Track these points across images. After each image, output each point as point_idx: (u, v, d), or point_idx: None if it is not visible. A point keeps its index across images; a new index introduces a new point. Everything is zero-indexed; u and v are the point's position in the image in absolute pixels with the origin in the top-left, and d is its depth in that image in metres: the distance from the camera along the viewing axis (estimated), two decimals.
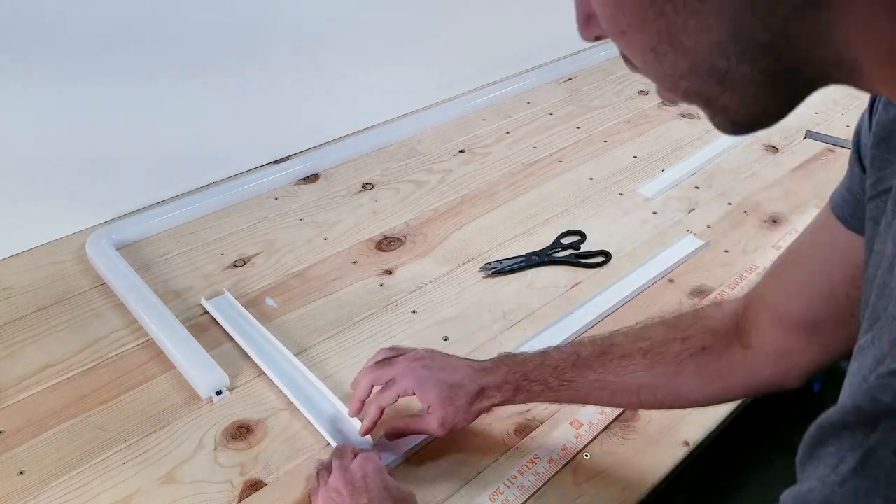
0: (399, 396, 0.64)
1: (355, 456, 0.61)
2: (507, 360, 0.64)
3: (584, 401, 0.63)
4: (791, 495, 0.31)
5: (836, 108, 1.30)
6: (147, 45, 0.89)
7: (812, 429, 0.31)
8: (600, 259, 0.91)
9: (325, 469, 0.62)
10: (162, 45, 0.91)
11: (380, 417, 0.65)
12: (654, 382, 0.59)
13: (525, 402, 0.64)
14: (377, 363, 0.66)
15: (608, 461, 0.67)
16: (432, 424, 0.62)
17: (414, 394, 0.62)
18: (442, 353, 0.66)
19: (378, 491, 0.57)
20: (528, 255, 0.91)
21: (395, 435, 0.66)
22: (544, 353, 0.63)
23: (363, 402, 0.65)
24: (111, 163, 0.93)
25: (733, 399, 0.62)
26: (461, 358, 0.65)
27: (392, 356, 0.66)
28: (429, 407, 0.62)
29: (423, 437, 0.66)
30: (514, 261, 0.89)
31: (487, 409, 0.62)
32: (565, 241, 0.93)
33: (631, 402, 0.63)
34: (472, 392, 0.61)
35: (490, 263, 0.89)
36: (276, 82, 1.04)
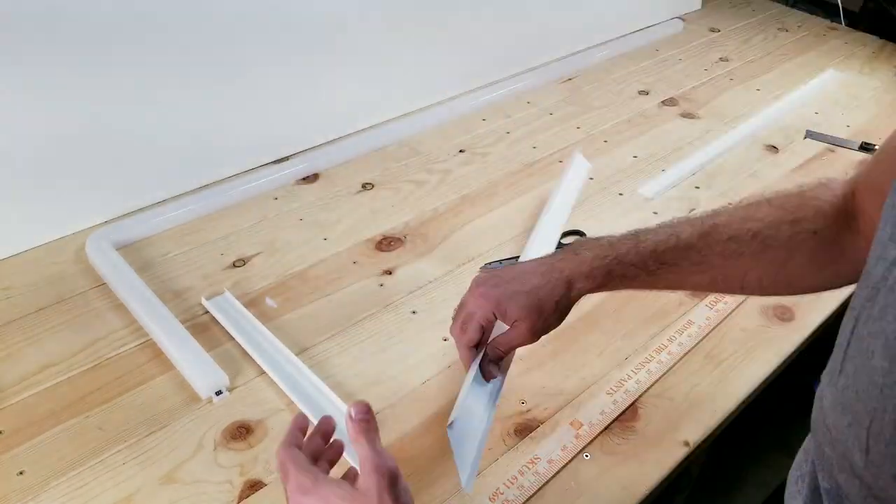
0: (482, 327, 0.60)
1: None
2: (588, 244, 0.60)
3: (680, 286, 0.59)
4: None
5: (836, 108, 1.30)
6: (147, 45, 0.89)
7: None
8: None
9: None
10: (162, 45, 0.91)
11: (472, 356, 0.63)
12: (763, 268, 0.55)
13: (618, 288, 0.59)
14: (456, 316, 0.64)
15: (608, 461, 0.67)
16: (524, 336, 0.59)
17: (496, 317, 0.59)
18: (508, 265, 0.62)
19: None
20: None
21: (496, 354, 0.62)
22: (636, 237, 0.59)
23: (471, 348, 0.62)
24: (111, 163, 0.93)
25: (840, 286, 0.55)
26: (530, 260, 0.62)
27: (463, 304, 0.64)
28: (515, 321, 0.59)
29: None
30: (513, 261, 0.89)
31: (577, 300, 0.59)
32: (565, 241, 0.93)
33: (733, 288, 0.59)
34: (557, 290, 0.58)
35: (490, 263, 0.89)
36: (275, 82, 1.04)
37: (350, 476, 0.54)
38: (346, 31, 1.09)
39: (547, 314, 0.58)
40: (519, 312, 0.58)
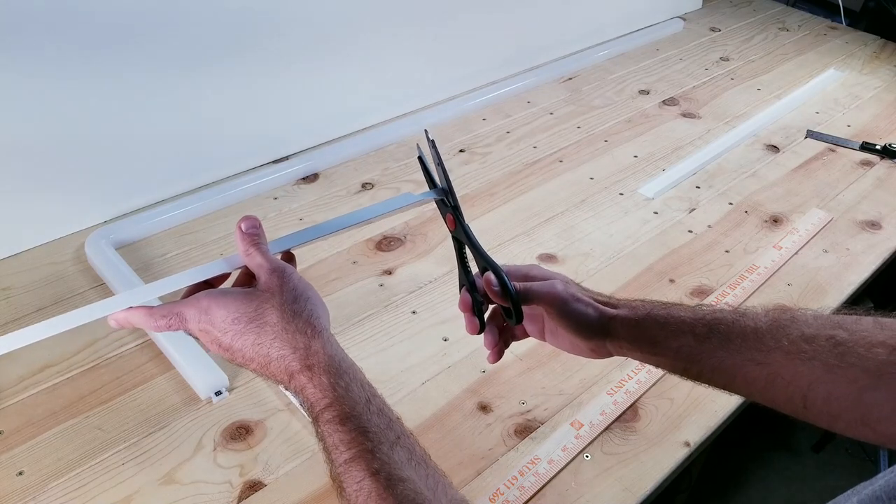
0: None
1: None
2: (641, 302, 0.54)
3: (728, 374, 0.48)
4: None
5: (836, 108, 1.30)
6: (146, 45, 0.89)
7: None
8: None
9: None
10: (161, 44, 0.90)
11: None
12: (833, 387, 0.43)
13: (654, 345, 0.52)
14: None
15: (608, 462, 0.67)
16: (556, 286, 0.54)
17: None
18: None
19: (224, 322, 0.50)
20: None
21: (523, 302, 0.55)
22: (696, 306, 0.51)
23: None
24: (111, 162, 0.92)
25: None
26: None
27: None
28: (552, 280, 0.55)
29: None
30: None
31: (606, 344, 0.55)
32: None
33: (794, 400, 0.45)
34: (597, 315, 0.54)
35: None
36: (275, 82, 1.04)
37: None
38: (346, 32, 1.09)
39: (571, 311, 0.54)
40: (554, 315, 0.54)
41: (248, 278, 0.56)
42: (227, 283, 0.57)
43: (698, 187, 1.07)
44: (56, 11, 0.80)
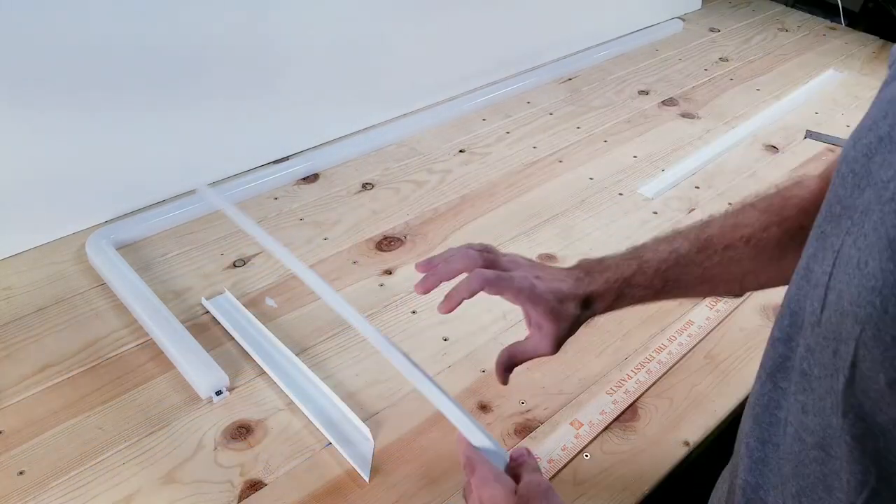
0: (512, 296, 0.57)
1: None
2: (595, 266, 0.60)
3: (684, 296, 0.62)
4: None
5: (836, 108, 1.30)
6: (146, 44, 0.89)
7: None
8: None
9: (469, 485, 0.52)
10: (160, 44, 0.91)
11: (457, 304, 0.59)
12: (758, 269, 0.58)
13: (625, 306, 0.60)
14: (481, 248, 0.60)
15: (608, 461, 0.67)
16: (544, 345, 0.58)
17: (516, 301, 0.57)
18: (537, 262, 0.62)
19: None
20: None
21: (508, 368, 0.61)
22: (639, 257, 0.60)
23: (435, 269, 0.59)
24: (111, 163, 0.93)
25: None
26: (554, 267, 0.61)
27: (486, 250, 0.60)
28: (538, 325, 0.58)
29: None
30: None
31: (589, 318, 0.59)
32: None
33: (733, 291, 0.61)
34: (579, 302, 0.58)
35: None
36: (275, 82, 1.05)
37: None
38: (345, 31, 1.09)
39: (568, 324, 0.58)
40: (546, 315, 0.57)
41: None
42: None
43: (698, 187, 1.07)
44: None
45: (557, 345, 0.59)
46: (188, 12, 0.91)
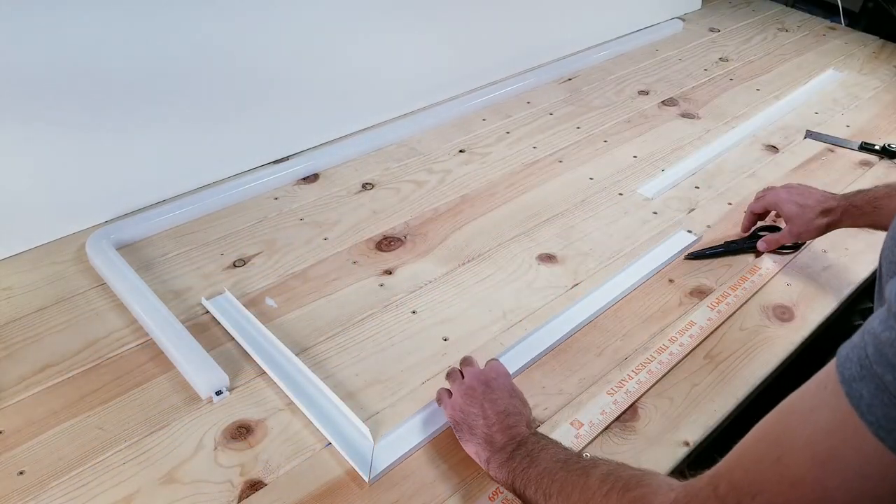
0: (764, 208, 0.92)
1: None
2: (844, 196, 0.85)
3: (881, 224, 0.80)
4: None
5: (836, 108, 1.30)
6: (149, 46, 0.89)
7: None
8: (796, 243, 0.94)
9: (456, 371, 0.70)
10: (162, 45, 0.91)
11: (753, 222, 0.95)
12: None
13: (849, 226, 0.85)
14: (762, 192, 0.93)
15: None
16: (786, 235, 0.89)
17: (774, 208, 0.90)
18: (804, 185, 0.90)
19: (506, 389, 0.65)
20: (727, 243, 0.95)
21: (769, 247, 0.92)
22: (864, 192, 0.83)
23: (753, 215, 0.94)
24: (111, 162, 0.93)
25: None
26: (815, 189, 0.88)
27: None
28: (786, 220, 0.88)
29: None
30: (721, 249, 0.94)
31: (825, 227, 0.85)
32: (762, 234, 0.95)
33: None
34: (817, 211, 0.85)
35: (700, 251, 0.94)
36: (276, 81, 1.04)
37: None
38: (345, 31, 1.09)
39: (807, 223, 0.86)
40: (789, 213, 0.87)
41: None
42: None
43: (697, 187, 1.07)
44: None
45: (794, 236, 0.88)
46: (189, 12, 0.91)
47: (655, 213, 1.01)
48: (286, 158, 1.08)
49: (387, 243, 0.93)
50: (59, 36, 0.82)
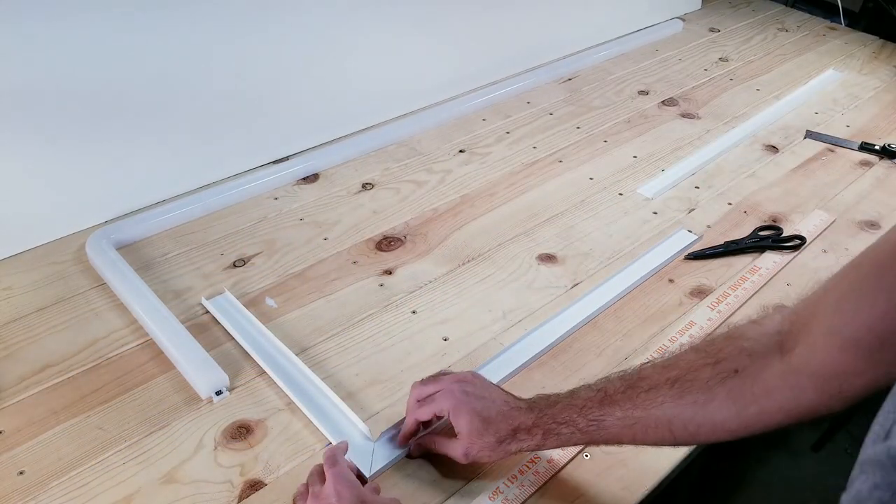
0: (434, 415, 0.63)
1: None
2: (539, 401, 0.61)
3: (617, 440, 0.58)
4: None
5: (836, 108, 1.30)
6: (149, 49, 0.89)
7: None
8: (797, 242, 0.94)
9: (317, 475, 0.61)
10: (161, 44, 0.91)
11: (415, 430, 0.66)
12: (683, 413, 0.54)
13: (557, 446, 0.60)
14: (425, 379, 0.66)
15: (608, 461, 0.67)
16: (457, 451, 0.61)
17: (448, 415, 0.61)
18: (486, 380, 0.65)
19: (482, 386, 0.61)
20: (727, 243, 0.94)
21: (422, 450, 0.66)
22: (573, 392, 0.60)
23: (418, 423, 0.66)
24: (111, 162, 0.93)
25: (773, 426, 0.53)
26: (502, 390, 0.64)
27: (441, 374, 0.66)
28: (459, 433, 0.61)
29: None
30: (721, 248, 0.93)
31: (516, 452, 0.60)
32: (763, 233, 0.96)
33: (664, 438, 0.56)
34: (502, 431, 0.59)
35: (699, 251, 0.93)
36: (275, 82, 1.04)
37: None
38: (345, 31, 1.09)
39: (485, 446, 0.60)
40: (465, 429, 0.60)
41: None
42: None
43: (697, 187, 1.07)
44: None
45: (468, 458, 0.61)
46: (189, 13, 0.91)
47: (655, 213, 1.01)
48: (286, 158, 1.08)
49: (387, 243, 0.93)
50: (60, 37, 0.82)
